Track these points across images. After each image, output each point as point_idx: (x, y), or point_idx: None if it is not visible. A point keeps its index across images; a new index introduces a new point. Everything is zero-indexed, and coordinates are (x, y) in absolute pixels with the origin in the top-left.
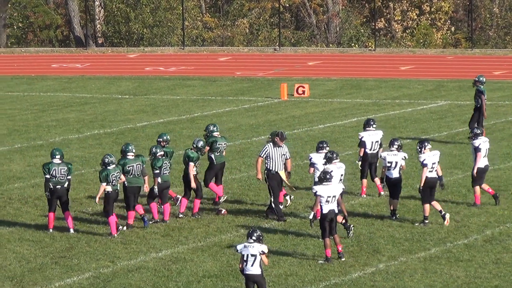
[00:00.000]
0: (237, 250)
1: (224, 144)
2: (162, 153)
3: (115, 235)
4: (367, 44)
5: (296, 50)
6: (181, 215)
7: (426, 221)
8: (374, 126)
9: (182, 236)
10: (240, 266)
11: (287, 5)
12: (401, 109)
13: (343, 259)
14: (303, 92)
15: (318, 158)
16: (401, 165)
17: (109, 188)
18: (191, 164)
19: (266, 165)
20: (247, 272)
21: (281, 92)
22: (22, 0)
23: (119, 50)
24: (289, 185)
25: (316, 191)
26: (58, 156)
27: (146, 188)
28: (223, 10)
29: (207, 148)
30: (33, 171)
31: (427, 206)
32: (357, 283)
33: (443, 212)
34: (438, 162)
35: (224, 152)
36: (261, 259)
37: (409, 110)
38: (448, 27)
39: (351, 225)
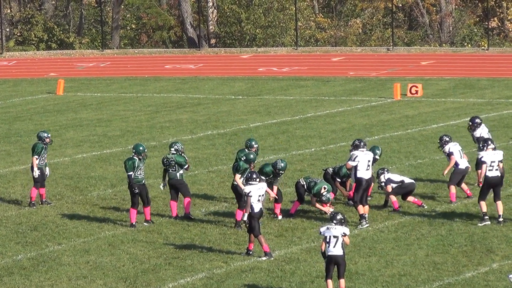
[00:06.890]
0: (320, 233)
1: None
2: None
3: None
4: (480, 43)
5: (409, 50)
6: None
7: (486, 217)
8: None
9: (296, 236)
10: (322, 247)
11: (400, 4)
12: None
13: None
14: (416, 92)
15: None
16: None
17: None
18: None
19: None
20: (329, 253)
21: (394, 92)
22: (135, 2)
23: (232, 51)
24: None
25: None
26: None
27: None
28: (336, 10)
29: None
30: (146, 172)
31: (482, 203)
32: (471, 282)
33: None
34: (500, 161)
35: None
36: (343, 240)
37: None
38: None
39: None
